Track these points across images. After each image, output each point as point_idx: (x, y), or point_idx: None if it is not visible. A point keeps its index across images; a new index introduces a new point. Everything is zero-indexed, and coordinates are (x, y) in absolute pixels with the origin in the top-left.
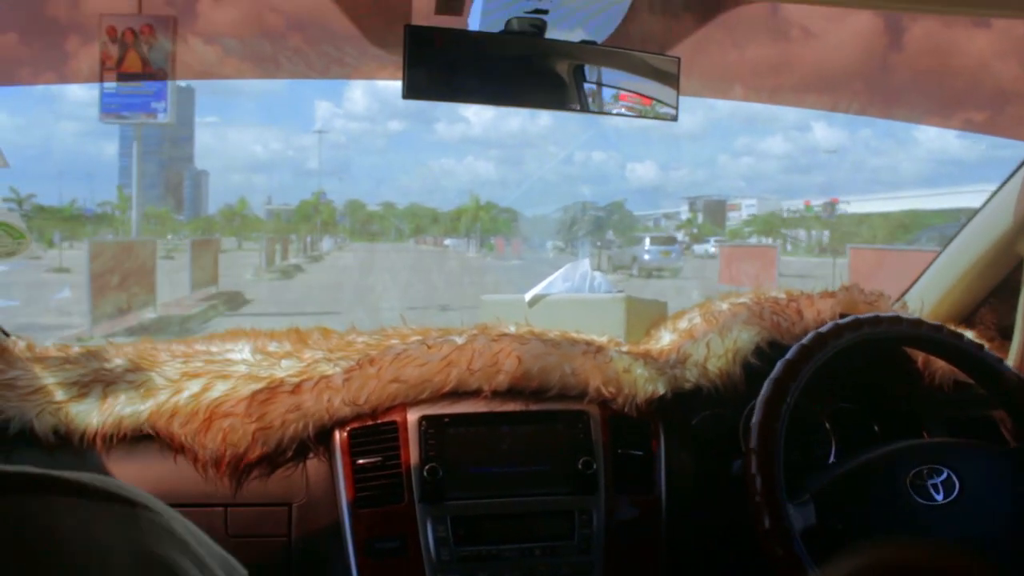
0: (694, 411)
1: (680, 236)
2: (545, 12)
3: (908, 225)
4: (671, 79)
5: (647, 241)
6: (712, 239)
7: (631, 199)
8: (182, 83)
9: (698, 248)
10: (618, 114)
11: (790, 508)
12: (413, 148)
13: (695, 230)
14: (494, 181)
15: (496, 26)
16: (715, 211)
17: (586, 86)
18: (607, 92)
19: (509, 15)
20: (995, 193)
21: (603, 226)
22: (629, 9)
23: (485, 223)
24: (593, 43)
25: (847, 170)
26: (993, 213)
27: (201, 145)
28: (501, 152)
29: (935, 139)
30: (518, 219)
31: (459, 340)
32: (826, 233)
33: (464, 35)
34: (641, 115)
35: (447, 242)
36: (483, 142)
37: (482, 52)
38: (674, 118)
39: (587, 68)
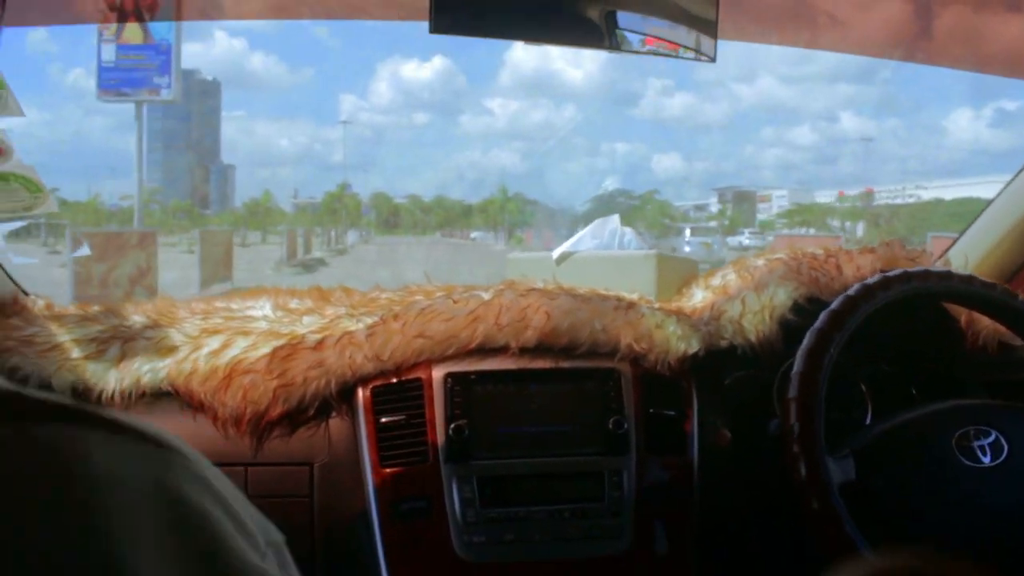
0: (728, 370)
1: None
2: None
3: (961, 214)
4: (710, 17)
5: (687, 232)
6: (746, 231)
7: (659, 191)
8: (208, 76)
9: (731, 240)
10: (652, 52)
11: (829, 461)
12: (438, 141)
13: (726, 222)
14: (520, 173)
15: None
16: (745, 202)
17: (620, 23)
18: (639, 31)
19: None
20: None
21: (637, 216)
22: None
23: (513, 215)
24: None
25: (876, 160)
26: None
27: (227, 139)
28: (526, 144)
29: (965, 128)
30: (547, 210)
31: (486, 295)
32: (859, 224)
33: None
34: (678, 56)
35: (474, 235)
36: (508, 134)
37: None
38: (712, 59)
39: (621, 6)
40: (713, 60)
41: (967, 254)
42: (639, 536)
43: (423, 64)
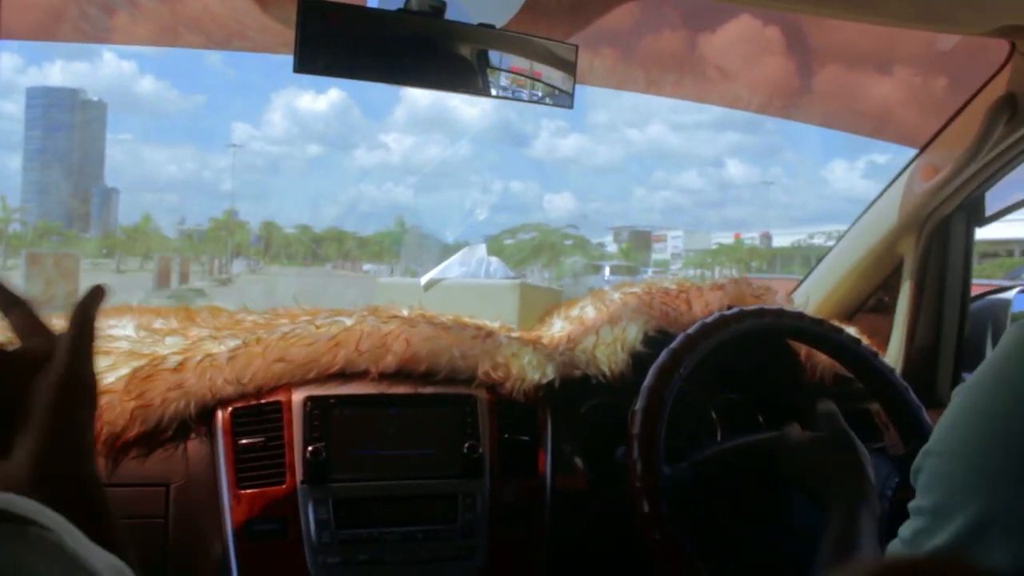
0: (583, 399)
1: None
2: None
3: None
4: (569, 67)
5: (607, 270)
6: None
7: (577, 226)
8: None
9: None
10: (515, 99)
11: (665, 468)
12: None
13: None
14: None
15: (395, 4)
16: (641, 242)
17: (484, 69)
18: (504, 77)
19: None
20: (879, 196)
21: (550, 251)
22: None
23: (410, 248)
24: (492, 27)
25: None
26: (877, 215)
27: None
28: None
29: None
30: (443, 245)
31: (348, 321)
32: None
33: (361, 11)
34: (538, 101)
35: (367, 267)
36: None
37: (379, 30)
38: (570, 106)
39: (485, 51)
40: (570, 107)
41: (809, 294)
42: (491, 557)
43: (319, 95)
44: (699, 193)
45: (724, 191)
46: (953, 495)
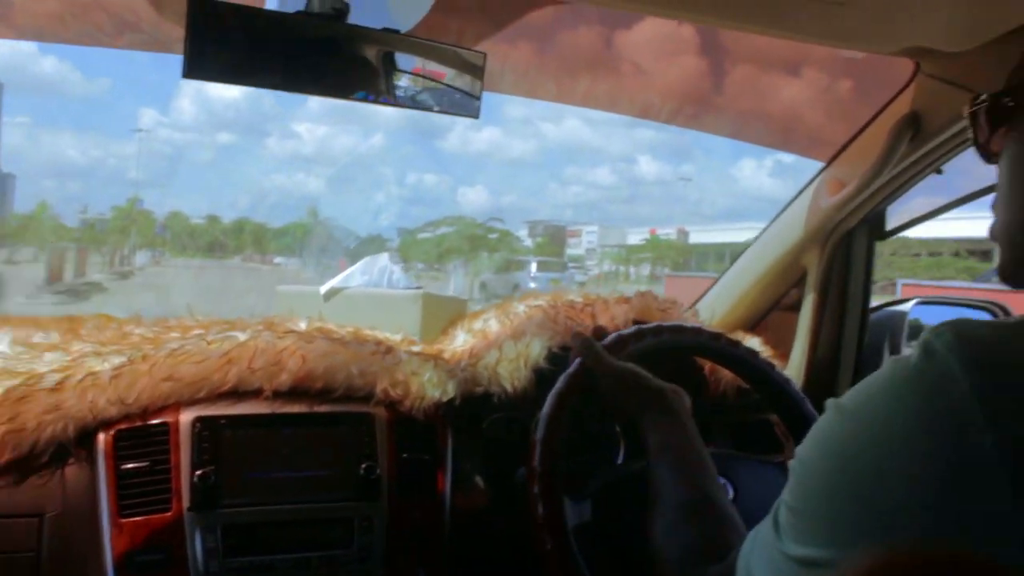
0: (485, 414)
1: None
2: None
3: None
4: (476, 74)
5: (533, 266)
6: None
7: (503, 219)
8: None
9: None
10: (420, 107)
11: (567, 502)
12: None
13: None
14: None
15: (295, 5)
16: (556, 237)
17: (388, 76)
18: (409, 84)
19: None
20: (784, 209)
21: (472, 246)
22: (437, 0)
23: (323, 240)
24: (396, 31)
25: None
26: (782, 228)
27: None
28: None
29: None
30: (357, 238)
31: (241, 336)
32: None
33: (257, 13)
34: (443, 110)
35: (278, 260)
36: (315, 159)
37: (277, 33)
38: (476, 115)
39: (389, 57)
40: (476, 116)
41: (713, 307)
42: None
43: None
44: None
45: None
46: (806, 533)
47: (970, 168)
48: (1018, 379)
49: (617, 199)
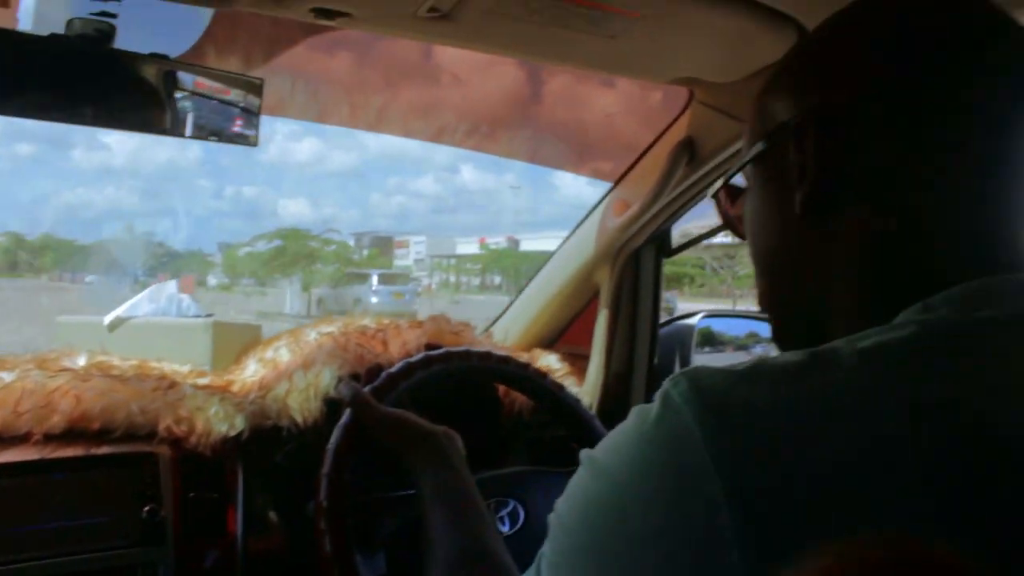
0: (277, 447)
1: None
2: (114, 16)
3: None
4: (254, 101)
5: (374, 279)
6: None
7: (339, 230)
8: None
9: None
10: (195, 136)
11: (359, 560)
12: (46, 175)
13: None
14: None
15: (54, 26)
16: (384, 247)
17: (159, 104)
18: (183, 112)
19: (71, 14)
20: (576, 229)
21: (306, 259)
22: (211, 24)
23: (143, 258)
24: (165, 57)
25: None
26: (574, 247)
27: None
28: (146, 184)
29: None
30: (176, 253)
31: (7, 377)
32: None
33: (6, 35)
34: (219, 139)
35: (89, 279)
36: (126, 172)
37: (30, 57)
38: (255, 143)
39: (160, 84)
40: (255, 144)
41: (508, 328)
42: None
43: None
44: (436, 199)
45: (460, 196)
46: None
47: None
48: (747, 427)
49: (443, 208)
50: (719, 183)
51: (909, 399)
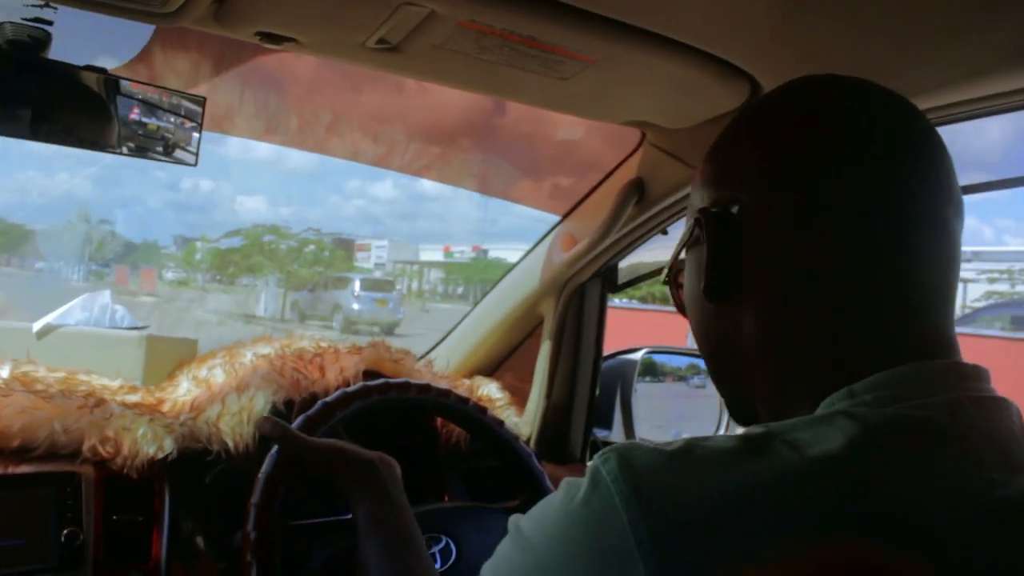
0: (207, 470)
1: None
2: (50, 23)
3: None
4: (195, 119)
5: (357, 285)
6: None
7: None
8: None
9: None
10: (131, 155)
11: None
12: None
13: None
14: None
15: None
16: (345, 250)
17: (94, 119)
18: (118, 128)
19: (2, 18)
20: (521, 260)
21: (291, 259)
22: (152, 41)
23: (99, 247)
24: (103, 70)
25: (452, 220)
26: (519, 277)
27: None
28: (99, 171)
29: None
30: (130, 244)
31: None
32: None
33: None
34: (159, 157)
35: (39, 265)
36: (77, 157)
37: None
38: (194, 162)
39: (96, 98)
40: (194, 164)
41: (449, 356)
42: None
43: None
44: (394, 203)
45: (418, 203)
46: None
47: None
48: (674, 513)
49: (400, 214)
50: (665, 270)
51: (841, 507)
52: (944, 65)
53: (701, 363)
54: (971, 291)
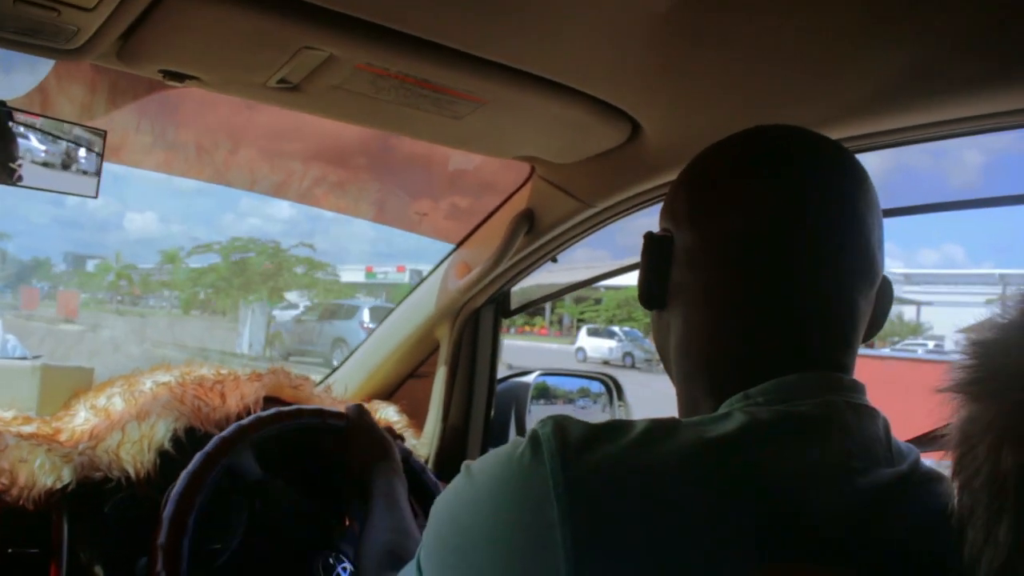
0: (106, 497)
1: None
2: None
3: None
4: (95, 152)
5: (365, 313)
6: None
7: (132, 250)
8: None
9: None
10: (33, 187)
11: None
12: None
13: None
14: None
15: None
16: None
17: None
18: (17, 160)
19: None
20: (418, 285)
21: (288, 282)
22: (52, 74)
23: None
24: (2, 104)
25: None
26: (416, 303)
27: None
28: None
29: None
30: (20, 262)
31: None
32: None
33: None
34: (59, 190)
35: None
36: None
37: None
38: (95, 193)
39: None
40: (94, 196)
41: (347, 381)
42: None
43: None
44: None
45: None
46: None
47: (578, 258)
48: (588, 467)
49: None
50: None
51: (733, 482)
52: (821, 104)
53: (591, 385)
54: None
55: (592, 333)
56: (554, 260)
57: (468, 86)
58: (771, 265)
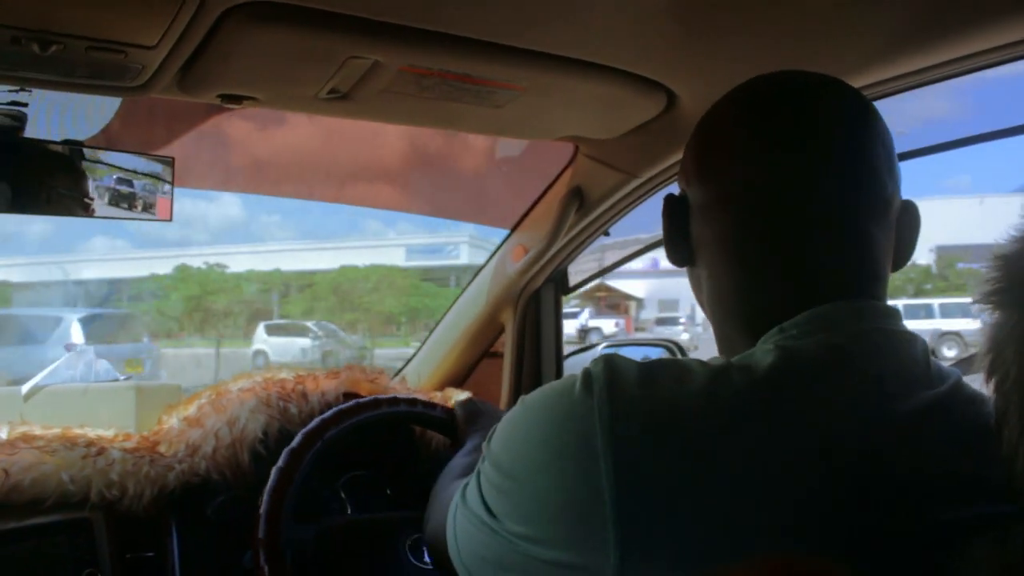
0: (208, 501)
1: None
2: (25, 105)
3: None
4: (165, 179)
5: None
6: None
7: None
8: None
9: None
10: (114, 216)
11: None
12: None
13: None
14: None
15: None
16: None
17: (71, 187)
18: (95, 193)
19: None
20: (478, 273)
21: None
22: (120, 110)
23: None
24: (78, 143)
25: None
26: (477, 291)
27: None
28: None
29: None
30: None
31: None
32: None
33: None
34: (138, 217)
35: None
36: None
37: None
38: (169, 218)
39: (72, 168)
40: (169, 219)
41: (420, 371)
42: None
43: None
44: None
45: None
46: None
47: (630, 229)
48: (632, 404)
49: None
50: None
51: (776, 420)
52: (852, 50)
53: (654, 353)
54: None
55: (273, 331)
56: (606, 234)
57: (506, 75)
58: (772, 209)
